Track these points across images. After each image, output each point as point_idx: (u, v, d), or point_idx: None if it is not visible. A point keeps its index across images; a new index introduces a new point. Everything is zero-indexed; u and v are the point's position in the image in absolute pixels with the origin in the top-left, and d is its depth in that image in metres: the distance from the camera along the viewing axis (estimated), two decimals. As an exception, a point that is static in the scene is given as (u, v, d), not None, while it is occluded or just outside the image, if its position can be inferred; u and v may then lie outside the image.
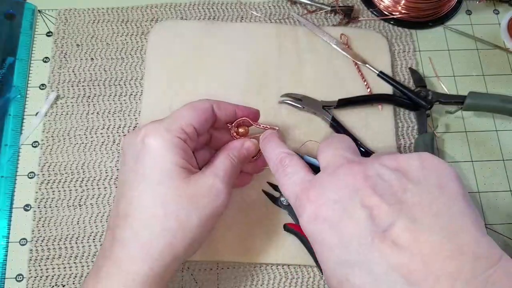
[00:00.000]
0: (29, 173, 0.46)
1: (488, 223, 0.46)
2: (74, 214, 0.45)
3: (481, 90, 0.51)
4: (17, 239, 0.44)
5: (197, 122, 0.36)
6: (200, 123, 0.36)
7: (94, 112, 0.49)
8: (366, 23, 0.54)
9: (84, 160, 0.47)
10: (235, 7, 0.54)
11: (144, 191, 0.33)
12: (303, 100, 0.48)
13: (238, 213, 0.44)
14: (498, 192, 0.47)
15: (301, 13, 0.53)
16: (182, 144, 0.34)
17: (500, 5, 0.56)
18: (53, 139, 0.47)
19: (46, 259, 0.43)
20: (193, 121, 0.35)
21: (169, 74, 0.49)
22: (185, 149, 0.34)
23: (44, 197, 0.45)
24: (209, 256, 0.43)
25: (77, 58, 0.51)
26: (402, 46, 0.53)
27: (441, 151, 0.49)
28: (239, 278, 0.43)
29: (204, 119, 0.36)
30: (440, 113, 0.50)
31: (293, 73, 0.50)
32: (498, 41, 0.54)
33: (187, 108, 0.36)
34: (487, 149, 0.49)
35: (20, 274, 0.43)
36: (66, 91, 0.49)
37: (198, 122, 0.36)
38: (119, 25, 0.52)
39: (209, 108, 0.37)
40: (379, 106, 0.49)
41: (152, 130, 0.34)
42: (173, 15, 0.53)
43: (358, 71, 0.50)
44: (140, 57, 0.51)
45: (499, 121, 0.50)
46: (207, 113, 0.37)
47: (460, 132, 0.50)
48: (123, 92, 0.50)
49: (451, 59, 0.53)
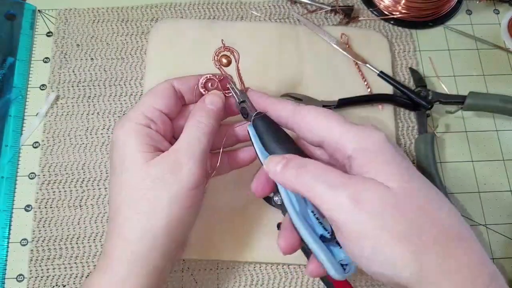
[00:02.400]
0: (29, 174, 0.47)
1: (488, 223, 0.46)
2: (75, 214, 0.45)
3: (481, 90, 0.51)
4: (18, 240, 0.44)
5: (160, 103, 0.35)
6: (163, 103, 0.36)
7: (94, 112, 0.49)
8: (366, 23, 0.54)
9: (85, 161, 0.47)
10: (235, 6, 0.54)
11: (114, 182, 0.34)
12: (304, 100, 0.48)
13: (238, 213, 0.44)
14: (498, 192, 0.47)
15: (301, 13, 0.53)
16: (145, 129, 0.34)
17: (500, 5, 0.56)
18: (53, 139, 0.47)
19: (47, 260, 0.43)
20: (155, 104, 0.35)
21: (169, 74, 0.49)
22: (149, 134, 0.34)
23: (44, 197, 0.45)
24: (209, 256, 0.43)
25: (77, 58, 0.51)
26: (403, 46, 0.53)
27: (441, 151, 0.49)
28: (239, 278, 0.43)
29: (166, 98, 0.36)
30: (440, 113, 0.50)
31: (293, 72, 0.50)
32: (498, 41, 0.53)
33: (147, 93, 0.36)
34: (488, 149, 0.49)
35: (21, 275, 0.43)
36: (66, 92, 0.49)
37: (161, 103, 0.35)
38: (119, 25, 0.52)
39: (169, 87, 0.36)
40: (379, 106, 0.49)
41: (117, 123, 0.35)
42: (173, 15, 0.53)
43: (359, 71, 0.50)
44: (140, 57, 0.51)
45: (499, 121, 0.50)
46: (167, 91, 0.36)
47: (461, 132, 0.50)
48: (123, 92, 0.50)
49: (451, 59, 0.53)
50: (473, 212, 0.46)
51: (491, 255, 0.45)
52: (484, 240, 0.45)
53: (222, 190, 0.45)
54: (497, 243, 0.45)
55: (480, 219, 0.46)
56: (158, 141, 0.35)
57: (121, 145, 0.34)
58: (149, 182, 0.33)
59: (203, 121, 0.35)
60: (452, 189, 0.47)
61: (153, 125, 0.35)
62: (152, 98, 0.36)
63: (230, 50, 0.37)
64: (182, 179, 0.33)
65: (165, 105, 0.36)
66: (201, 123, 0.35)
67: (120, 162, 0.34)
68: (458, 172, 0.48)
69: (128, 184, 0.33)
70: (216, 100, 0.37)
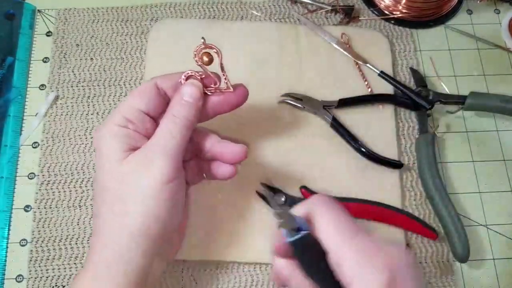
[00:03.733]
0: (29, 174, 0.46)
1: (488, 223, 0.46)
2: (74, 214, 0.45)
3: (482, 90, 0.51)
4: (17, 240, 0.44)
5: (141, 103, 0.35)
6: (144, 103, 0.35)
7: (94, 112, 0.49)
8: (367, 23, 0.54)
9: (84, 161, 0.47)
10: (235, 6, 0.54)
11: (94, 184, 0.35)
12: (304, 100, 0.48)
13: (238, 213, 0.44)
14: (498, 192, 0.47)
15: (301, 13, 0.53)
16: (122, 130, 0.34)
17: (501, 4, 0.56)
18: (53, 139, 0.47)
19: (46, 260, 0.43)
20: (134, 104, 0.35)
21: (169, 74, 0.49)
22: (127, 134, 0.34)
23: (44, 197, 0.45)
24: (209, 256, 0.43)
25: (76, 58, 0.51)
26: (403, 46, 0.52)
27: (441, 151, 0.48)
28: (239, 278, 0.43)
29: (147, 98, 0.35)
30: (441, 113, 0.50)
31: (293, 72, 0.50)
32: (499, 41, 0.53)
33: (129, 94, 0.36)
34: (488, 149, 0.49)
35: (20, 275, 0.43)
36: (66, 92, 0.49)
37: (142, 103, 0.35)
38: (119, 24, 0.52)
39: (151, 86, 0.36)
40: (380, 106, 0.49)
41: (98, 126, 0.36)
42: (173, 15, 0.53)
43: (359, 71, 0.50)
44: (140, 57, 0.51)
45: (500, 121, 0.50)
46: (149, 91, 0.36)
47: (461, 132, 0.49)
48: (123, 92, 0.49)
49: (452, 58, 0.52)
50: (473, 212, 0.46)
51: (491, 255, 0.45)
52: (484, 240, 0.45)
53: (222, 190, 0.45)
54: (497, 243, 0.45)
55: (480, 219, 0.46)
56: (137, 140, 0.34)
57: (98, 148, 0.34)
58: (121, 180, 0.33)
59: (178, 115, 0.34)
60: (452, 189, 0.47)
61: (131, 125, 0.34)
62: (132, 98, 0.35)
63: (211, 47, 0.35)
64: (153, 174, 0.32)
65: (145, 105, 0.35)
66: (176, 117, 0.34)
67: (98, 164, 0.34)
68: (459, 172, 0.48)
69: (103, 184, 0.33)
70: (193, 91, 0.35)
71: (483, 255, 0.45)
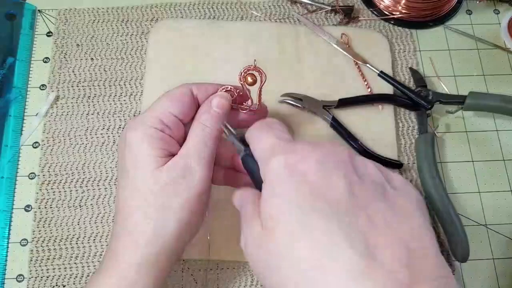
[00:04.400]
0: (29, 174, 0.46)
1: (488, 223, 0.46)
2: (75, 214, 0.45)
3: (481, 90, 0.51)
4: (17, 240, 0.44)
5: (176, 109, 0.35)
6: (179, 109, 0.35)
7: (94, 112, 0.49)
8: (367, 23, 0.54)
9: (85, 161, 0.47)
10: (235, 6, 0.54)
11: (124, 185, 0.34)
12: (304, 100, 0.48)
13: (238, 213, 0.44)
14: (498, 192, 0.47)
15: (301, 13, 0.53)
16: (159, 134, 0.34)
17: (501, 5, 0.56)
18: (53, 139, 0.47)
19: (47, 260, 0.43)
20: (171, 109, 0.34)
21: (169, 74, 0.49)
22: (163, 138, 0.34)
23: (44, 197, 0.45)
24: (209, 256, 0.43)
25: (77, 58, 0.51)
26: (403, 46, 0.53)
27: (441, 151, 0.49)
28: (239, 278, 0.43)
29: (183, 104, 0.35)
30: (440, 113, 0.50)
31: (293, 72, 0.50)
32: (498, 41, 0.53)
33: (164, 96, 0.36)
34: (488, 149, 0.49)
35: (21, 275, 0.43)
36: (66, 92, 0.49)
37: (177, 109, 0.35)
38: (119, 25, 0.52)
39: (187, 92, 0.36)
40: (380, 106, 0.49)
41: (130, 124, 0.34)
42: (173, 15, 0.53)
43: (359, 71, 0.50)
44: (140, 57, 0.51)
45: (499, 121, 0.50)
46: (185, 97, 0.36)
47: (461, 132, 0.50)
48: (123, 92, 0.50)
49: (451, 59, 0.53)
50: (473, 212, 0.46)
51: (491, 255, 0.45)
52: (484, 240, 0.45)
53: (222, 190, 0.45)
54: (497, 243, 0.45)
55: (480, 219, 0.46)
56: (172, 145, 0.34)
57: (134, 148, 0.33)
58: (160, 188, 0.32)
59: (208, 124, 0.35)
60: (452, 189, 0.47)
61: (168, 130, 0.34)
62: (169, 103, 0.35)
63: (258, 70, 0.36)
64: (193, 185, 0.33)
65: (181, 111, 0.35)
66: (206, 127, 0.35)
67: (133, 165, 0.33)
68: (458, 172, 0.48)
69: (139, 188, 0.33)
70: (223, 103, 0.36)
71: (483, 255, 0.45)
